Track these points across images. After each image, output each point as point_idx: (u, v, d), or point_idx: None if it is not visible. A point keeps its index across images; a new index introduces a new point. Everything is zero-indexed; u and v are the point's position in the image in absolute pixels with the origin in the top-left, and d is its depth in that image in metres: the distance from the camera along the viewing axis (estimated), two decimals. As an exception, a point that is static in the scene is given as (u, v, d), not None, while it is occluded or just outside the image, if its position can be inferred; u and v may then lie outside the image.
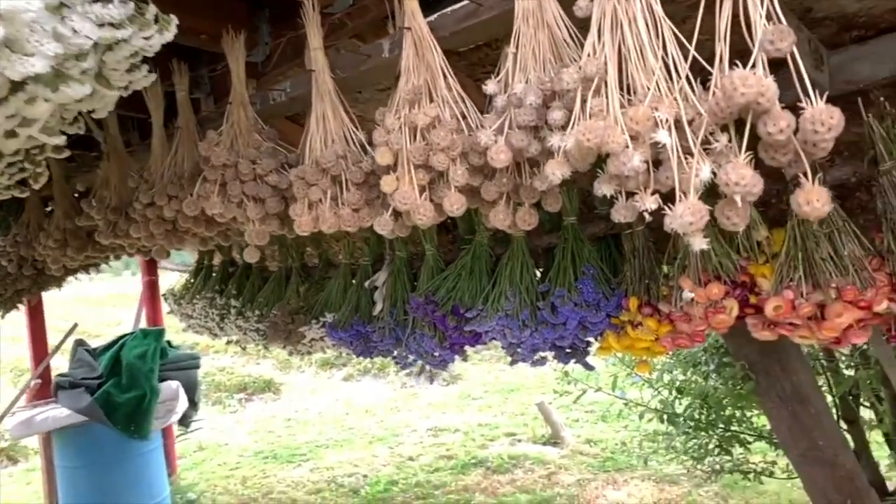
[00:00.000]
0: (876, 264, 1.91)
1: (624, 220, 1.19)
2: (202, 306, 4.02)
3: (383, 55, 1.68)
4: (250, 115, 2.03)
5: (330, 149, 1.71)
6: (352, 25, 2.09)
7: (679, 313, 2.11)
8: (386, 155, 1.48)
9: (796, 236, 1.97)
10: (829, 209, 1.02)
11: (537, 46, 1.33)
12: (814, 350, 3.75)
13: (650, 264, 2.28)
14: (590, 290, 2.29)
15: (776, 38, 0.96)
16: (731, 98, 0.95)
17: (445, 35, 1.56)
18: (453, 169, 1.42)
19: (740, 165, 1.00)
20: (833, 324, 1.85)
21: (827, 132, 0.95)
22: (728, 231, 2.13)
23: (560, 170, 1.16)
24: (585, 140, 1.07)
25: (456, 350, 2.71)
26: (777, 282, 1.97)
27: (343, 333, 3.02)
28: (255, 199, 1.95)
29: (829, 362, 3.72)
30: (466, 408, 8.20)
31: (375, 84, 2.04)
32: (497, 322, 2.40)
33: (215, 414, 8.91)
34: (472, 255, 2.61)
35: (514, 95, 1.30)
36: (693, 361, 3.87)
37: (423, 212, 1.43)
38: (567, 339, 2.39)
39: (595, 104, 1.13)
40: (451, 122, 1.45)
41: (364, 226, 1.70)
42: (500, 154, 1.29)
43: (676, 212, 1.05)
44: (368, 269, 3.14)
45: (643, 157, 1.08)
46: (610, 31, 1.14)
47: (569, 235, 2.40)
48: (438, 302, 2.59)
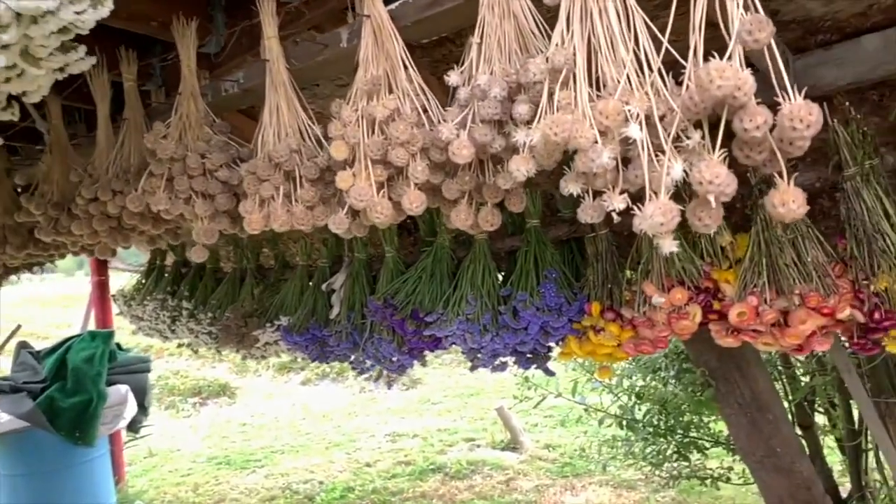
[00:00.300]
0: (839, 271, 1.90)
1: (591, 220, 1.13)
2: (153, 308, 3.87)
3: (341, 45, 1.61)
4: (201, 106, 1.93)
5: (283, 142, 1.62)
6: (310, 16, 2.00)
7: (642, 319, 2.07)
8: (342, 149, 1.40)
9: (760, 242, 1.95)
10: (803, 212, 0.98)
11: (503, 37, 1.26)
12: (771, 356, 3.77)
13: (613, 269, 2.24)
14: (552, 295, 2.24)
15: (754, 27, 0.91)
16: (707, 91, 0.90)
17: (407, 24, 1.48)
18: (413, 165, 1.34)
19: (714, 163, 0.95)
20: (797, 331, 1.82)
21: (806, 129, 0.91)
22: (691, 235, 2.12)
23: (525, 166, 1.10)
24: (552, 134, 1.01)
25: (415, 355, 2.65)
26: (741, 288, 1.95)
27: (298, 337, 2.93)
28: (204, 195, 1.85)
29: (786, 368, 3.74)
30: (425, 412, 8.12)
31: (333, 77, 1.96)
32: (457, 326, 2.33)
33: (168, 418, 8.68)
34: (433, 258, 2.54)
35: (478, 87, 1.23)
36: (653, 367, 3.86)
37: (380, 210, 1.35)
38: (528, 345, 2.34)
39: (563, 97, 1.07)
40: (411, 116, 1.37)
41: (319, 224, 1.62)
42: (463, 149, 1.23)
43: (646, 212, 1.00)
44: (326, 271, 3.06)
45: (612, 154, 1.03)
46: (579, 21, 1.08)
47: (531, 238, 2.35)
48: (397, 305, 2.52)
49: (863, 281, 1.83)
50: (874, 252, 1.83)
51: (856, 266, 1.85)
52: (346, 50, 1.59)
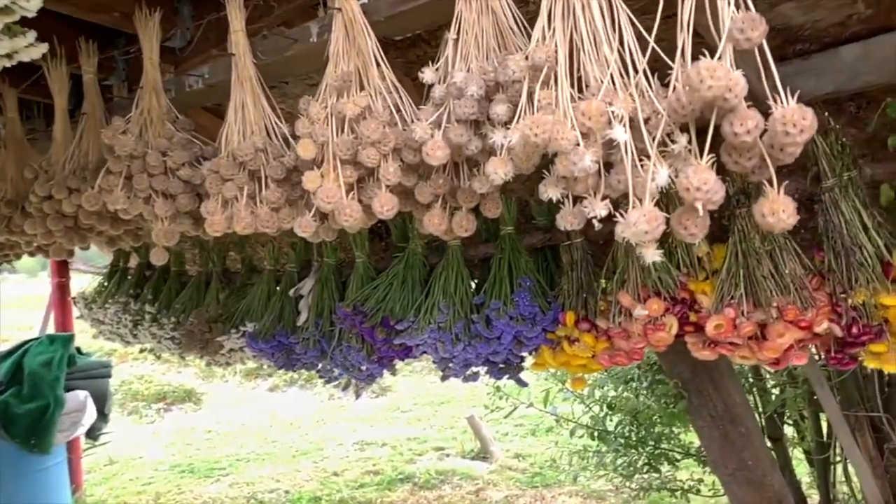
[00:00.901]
0: (816, 283, 1.87)
1: (571, 227, 1.07)
2: (115, 311, 3.75)
3: (311, 40, 1.54)
4: (163, 102, 1.84)
5: (248, 141, 1.55)
6: (280, 11, 1.93)
7: (617, 330, 2.02)
8: (309, 148, 1.33)
9: (738, 253, 1.92)
10: (793, 222, 0.93)
11: (480, 34, 1.20)
12: (742, 368, 3.76)
13: (588, 278, 2.20)
14: (526, 304, 2.19)
15: (747, 26, 0.86)
16: (697, 91, 0.84)
17: (380, 20, 1.42)
18: (384, 166, 1.27)
19: (702, 169, 0.90)
20: (774, 344, 1.79)
21: (799, 134, 0.86)
22: (668, 244, 2.08)
23: (503, 169, 1.04)
24: (532, 135, 0.95)
25: (384, 364, 2.58)
26: (718, 299, 1.91)
27: (264, 344, 2.85)
28: (165, 194, 1.76)
29: (757, 381, 3.73)
30: (395, 421, 8.02)
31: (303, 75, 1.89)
32: (429, 335, 2.27)
33: (131, 425, 8.47)
34: (404, 264, 2.48)
35: (454, 85, 1.17)
36: (625, 378, 3.82)
37: (349, 213, 1.28)
38: (501, 354, 2.29)
39: (543, 97, 1.01)
40: (383, 114, 1.31)
41: (284, 227, 1.54)
42: (437, 150, 1.16)
43: (630, 219, 0.94)
44: (294, 277, 2.98)
45: (595, 157, 0.97)
46: (562, 18, 1.03)
47: (506, 246, 2.30)
48: (367, 313, 2.45)
49: (840, 294, 1.80)
50: (852, 265, 1.80)
51: (833, 279, 1.83)
52: (316, 45, 1.52)
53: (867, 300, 1.77)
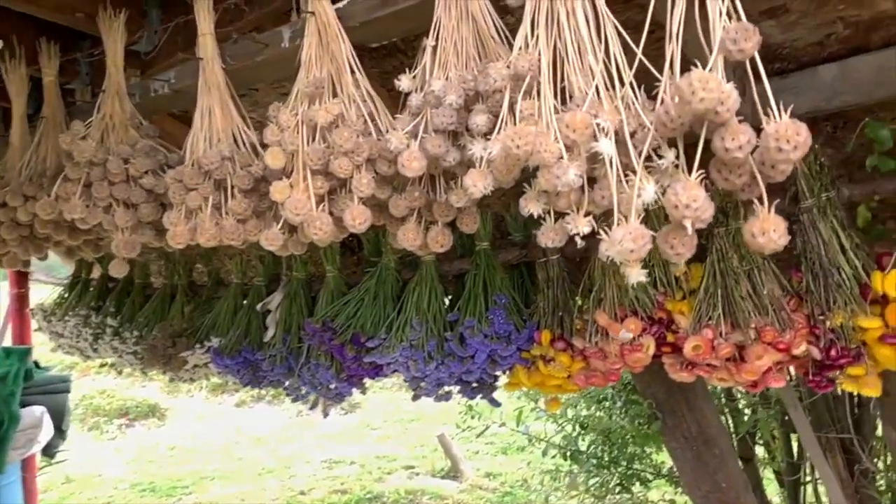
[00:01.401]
0: (794, 305, 1.85)
1: (552, 244, 1.02)
2: (75, 324, 3.62)
3: (282, 45, 1.48)
4: (127, 107, 1.77)
5: (214, 148, 1.48)
6: (252, 16, 1.86)
7: (594, 349, 1.98)
8: (278, 156, 1.27)
9: (716, 273, 1.89)
10: (785, 242, 0.89)
11: (460, 41, 1.16)
12: (715, 389, 3.75)
13: (564, 296, 2.16)
14: (501, 322, 2.14)
15: (740, 36, 0.82)
16: (689, 104, 0.80)
17: (355, 25, 1.36)
18: (357, 177, 1.22)
19: (691, 186, 0.86)
20: (753, 366, 1.76)
21: (793, 151, 0.82)
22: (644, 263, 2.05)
23: (482, 182, 0.99)
24: (514, 147, 0.90)
25: (354, 382, 2.51)
26: (695, 320, 1.88)
27: (229, 360, 2.75)
28: (126, 203, 1.68)
29: (730, 401, 3.72)
30: (365, 438, 7.90)
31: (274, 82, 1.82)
32: (400, 353, 2.21)
33: (91, 441, 8.22)
34: (376, 279, 2.41)
35: (432, 94, 1.12)
36: (598, 397, 3.79)
37: (319, 226, 1.22)
38: (475, 374, 2.23)
39: (525, 107, 0.96)
40: (356, 123, 1.25)
41: (251, 240, 1.47)
42: (413, 161, 1.11)
43: (615, 237, 0.89)
44: (262, 291, 2.89)
45: (579, 171, 0.92)
46: (545, 25, 0.98)
47: (481, 262, 2.25)
48: (337, 329, 2.38)
49: (819, 316, 1.78)
50: (830, 286, 1.78)
51: (812, 300, 1.80)
52: (288, 50, 1.47)
53: (845, 322, 1.75)
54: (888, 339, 1.63)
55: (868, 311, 1.71)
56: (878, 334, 1.67)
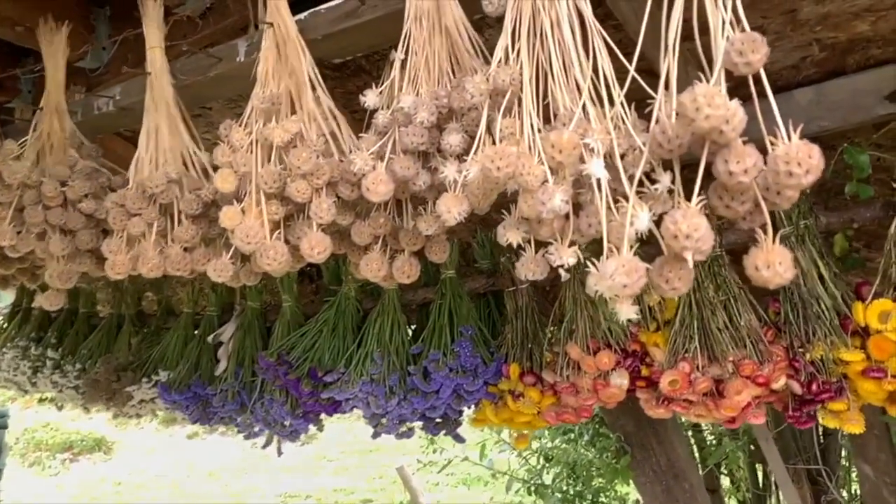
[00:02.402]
0: (771, 336, 1.78)
1: (533, 276, 0.93)
2: (12, 357, 3.39)
3: (238, 59, 1.37)
4: (66, 125, 1.63)
5: (160, 170, 1.35)
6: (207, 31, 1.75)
7: (565, 384, 1.89)
8: (229, 179, 1.15)
9: (691, 303, 1.82)
10: (791, 275, 0.81)
11: (432, 54, 1.06)
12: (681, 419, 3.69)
13: (534, 327, 2.07)
14: (467, 354, 2.04)
15: (747, 48, 0.74)
16: (692, 122, 0.72)
17: (317, 38, 1.26)
18: (317, 202, 1.10)
19: (692, 214, 0.77)
20: (732, 402, 1.69)
21: (804, 175, 0.74)
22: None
23: (457, 208, 0.89)
24: (494, 169, 0.80)
25: (310, 419, 2.38)
26: (671, 353, 1.80)
27: (178, 395, 2.60)
28: (63, 230, 1.54)
29: (697, 432, 3.67)
30: (321, 470, 7.68)
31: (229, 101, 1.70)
32: (360, 388, 2.10)
33: (32, 477, 7.80)
34: (336, 309, 2.30)
35: (401, 111, 1.02)
36: (564, 428, 3.69)
37: (273, 255, 1.10)
38: (439, 410, 2.12)
39: (506, 125, 0.87)
40: (316, 143, 1.14)
41: (198, 270, 1.35)
42: (380, 185, 1.00)
43: (606, 270, 0.80)
44: (214, 321, 2.74)
45: (565, 197, 0.83)
46: (527, 36, 0.89)
47: (447, 290, 2.15)
48: (292, 363, 2.24)
49: (798, 348, 1.72)
50: (809, 318, 1.73)
51: (791, 332, 1.74)
52: (244, 65, 1.36)
53: (825, 355, 1.68)
54: (871, 374, 1.58)
55: (849, 343, 1.65)
56: (860, 368, 1.61)
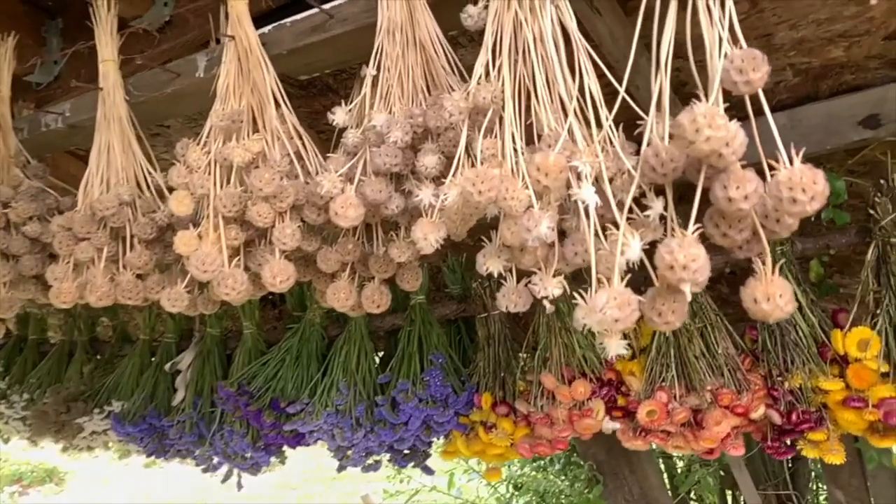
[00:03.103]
0: (748, 364, 1.75)
1: (515, 308, 0.87)
2: (-45, 386, 3.21)
3: (197, 74, 1.29)
4: (11, 143, 1.53)
5: (112, 191, 1.26)
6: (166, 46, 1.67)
7: (539, 415, 1.82)
8: (185, 202, 1.07)
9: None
10: (792, 309, 0.76)
11: (405, 70, 1.00)
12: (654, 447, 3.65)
13: (507, 354, 2.00)
14: (438, 384, 1.96)
15: (747, 65, 0.69)
16: (692, 143, 0.66)
17: (281, 53, 1.19)
18: (280, 226, 1.03)
19: (689, 243, 0.71)
20: (712, 433, 1.64)
21: (809, 202, 0.69)
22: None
23: (434, 234, 0.82)
24: (476, 192, 0.74)
25: (272, 451, 2.29)
26: (648, 382, 1.75)
27: (132, 427, 2.48)
28: (5, 254, 1.43)
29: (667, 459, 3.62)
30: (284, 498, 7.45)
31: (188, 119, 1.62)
32: (325, 420, 2.01)
33: (-24, 511, 7.46)
34: (300, 337, 2.21)
35: (373, 130, 0.95)
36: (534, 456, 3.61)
37: (232, 284, 1.02)
38: (408, 441, 2.03)
39: (488, 146, 0.81)
40: (280, 163, 1.06)
41: (151, 298, 1.25)
42: (349, 209, 0.93)
43: (596, 303, 0.74)
44: (172, 348, 2.62)
45: (552, 223, 0.77)
46: (509, 53, 0.84)
47: (416, 317, 2.08)
48: (254, 393, 2.14)
49: (777, 377, 1.68)
50: (787, 345, 1.69)
51: (769, 360, 1.70)
52: (204, 81, 1.28)
53: (804, 384, 1.65)
54: (852, 403, 1.54)
55: (828, 371, 1.62)
56: (840, 397, 1.57)
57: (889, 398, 1.50)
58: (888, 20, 1.50)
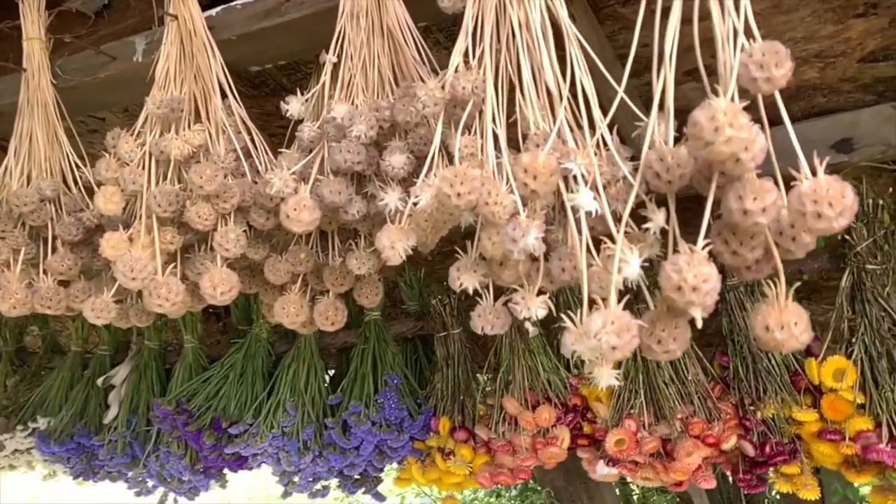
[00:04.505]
0: (719, 392, 1.67)
1: (492, 330, 0.76)
2: None
3: (135, 58, 1.15)
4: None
5: (33, 186, 1.11)
6: (105, 32, 1.52)
7: (501, 442, 1.72)
8: (113, 199, 0.93)
9: (636, 354, 1.68)
10: (808, 339, 0.66)
11: (370, 59, 0.88)
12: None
13: (467, 376, 1.90)
14: (392, 406, 1.85)
15: (768, 60, 0.60)
16: (709, 145, 0.57)
17: (231, 38, 1.07)
18: (222, 230, 0.90)
19: (699, 260, 0.62)
20: (683, 464, 1.55)
21: (836, 217, 0.60)
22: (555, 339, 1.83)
23: (402, 242, 0.70)
24: (453, 195, 0.63)
25: (212, 475, 2.14)
26: (615, 409, 1.66)
27: (58, 447, 2.29)
28: None
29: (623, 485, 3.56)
30: (225, 518, 7.16)
31: (125, 109, 1.47)
32: (270, 443, 1.88)
33: None
34: (245, 352, 2.08)
35: (333, 122, 0.83)
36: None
37: (165, 294, 0.88)
38: (359, 467, 1.90)
39: (466, 144, 0.70)
40: (225, 160, 0.94)
41: (75, 308, 1.10)
42: (302, 211, 0.81)
43: (591, 327, 0.64)
44: (106, 361, 2.45)
45: (540, 233, 0.66)
46: (490, 40, 0.73)
47: (371, 334, 1.97)
48: (193, 412, 1.99)
49: (749, 406, 1.60)
50: (759, 373, 1.62)
51: (740, 388, 1.63)
52: (142, 66, 1.14)
53: (776, 414, 1.58)
54: (828, 436, 1.47)
55: (801, 401, 1.55)
56: (814, 429, 1.51)
57: (866, 431, 1.44)
58: (864, 41, 1.45)
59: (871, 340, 1.48)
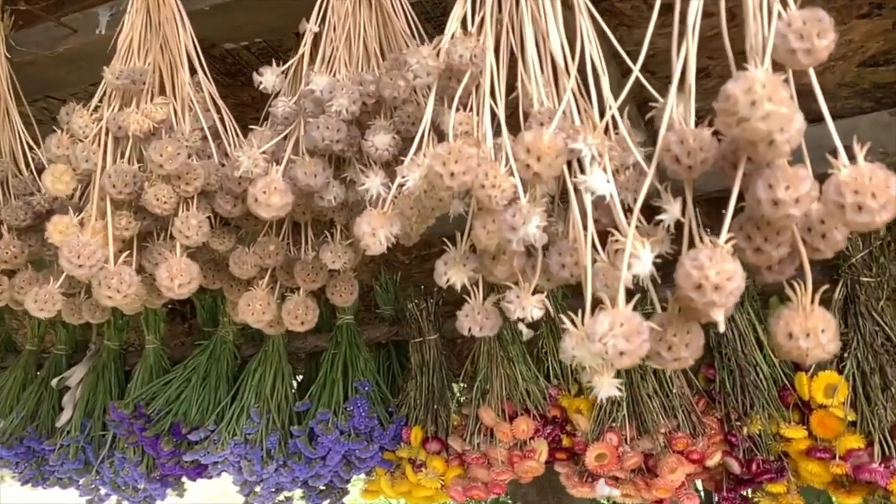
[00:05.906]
0: (703, 406, 1.61)
1: (481, 332, 0.68)
2: None
3: (97, 30, 1.06)
4: None
5: (-24, 165, 1.01)
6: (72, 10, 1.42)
7: (475, 454, 1.64)
8: (63, 178, 0.84)
9: (617, 365, 1.62)
10: (836, 348, 0.60)
11: (356, 30, 0.81)
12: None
13: (441, 385, 1.83)
14: (363, 415, 1.77)
15: (810, 29, 0.54)
16: (744, 122, 0.50)
17: (203, 9, 0.98)
18: (184, 216, 0.81)
19: (722, 257, 0.55)
20: (666, 481, 1.48)
21: (880, 210, 0.53)
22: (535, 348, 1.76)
23: (385, 229, 0.62)
24: (447, 174, 0.55)
25: (169, 483, 2.04)
26: (596, 422, 1.60)
27: (6, 451, 2.18)
28: None
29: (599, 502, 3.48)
30: (184, 527, 6.96)
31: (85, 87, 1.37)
32: (231, 450, 1.79)
33: None
34: (209, 355, 1.98)
35: (311, 95, 0.75)
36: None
37: (117, 285, 0.79)
38: (325, 478, 1.82)
39: (462, 120, 0.62)
40: (190, 138, 0.85)
41: (20, 300, 1.00)
42: (274, 195, 0.72)
43: (596, 329, 0.56)
44: (62, 362, 2.33)
45: (543, 221, 0.59)
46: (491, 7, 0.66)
47: (342, 338, 1.89)
48: (152, 416, 1.89)
49: (735, 421, 1.55)
50: (747, 387, 1.57)
51: (727, 402, 1.57)
52: (106, 40, 1.05)
53: (763, 430, 1.52)
54: (817, 454, 1.42)
55: (790, 418, 1.50)
56: (803, 446, 1.45)
57: (857, 449, 1.39)
58: (866, 43, 1.41)
59: (864, 355, 1.43)
